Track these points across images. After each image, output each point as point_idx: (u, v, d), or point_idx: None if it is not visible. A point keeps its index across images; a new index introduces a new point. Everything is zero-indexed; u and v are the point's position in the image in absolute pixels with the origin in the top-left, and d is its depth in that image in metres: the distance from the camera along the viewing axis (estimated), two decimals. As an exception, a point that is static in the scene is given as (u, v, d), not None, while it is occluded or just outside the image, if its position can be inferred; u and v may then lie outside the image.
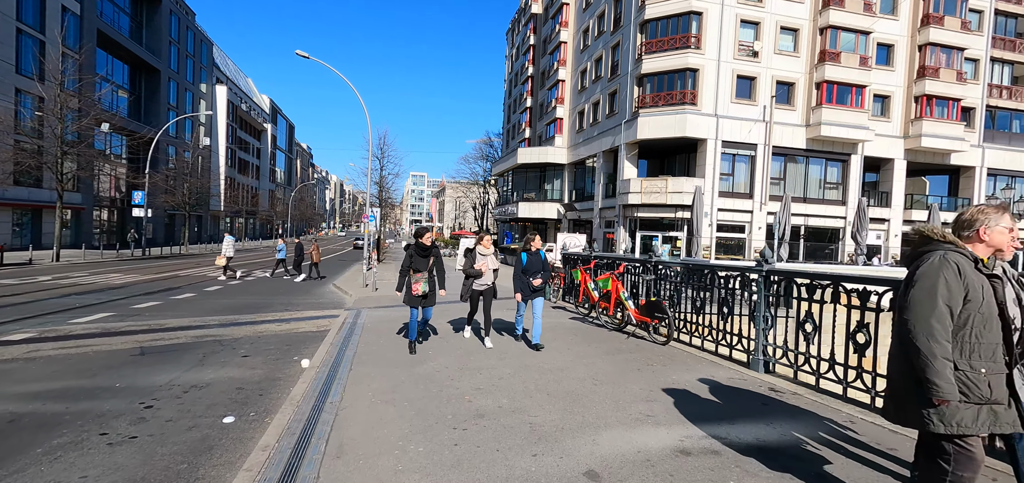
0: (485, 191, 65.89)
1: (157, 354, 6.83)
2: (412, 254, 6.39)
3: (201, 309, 10.87)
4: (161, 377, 5.74)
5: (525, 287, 7.01)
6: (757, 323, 5.92)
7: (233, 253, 18.10)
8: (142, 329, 8.43)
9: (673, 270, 7.73)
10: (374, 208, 22.51)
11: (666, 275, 7.94)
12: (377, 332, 8.09)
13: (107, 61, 39.23)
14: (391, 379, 5.35)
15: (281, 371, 6.17)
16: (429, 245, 6.50)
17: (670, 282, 7.91)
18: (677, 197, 25.07)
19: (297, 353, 7.15)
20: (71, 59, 27.91)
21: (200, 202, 46.68)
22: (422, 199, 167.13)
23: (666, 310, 7.31)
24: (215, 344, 7.52)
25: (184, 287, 14.86)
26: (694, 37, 25.41)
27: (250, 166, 71.45)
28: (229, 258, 17.82)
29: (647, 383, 5.35)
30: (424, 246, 6.46)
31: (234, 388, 5.41)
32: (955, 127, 28.22)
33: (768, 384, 5.36)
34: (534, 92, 45.15)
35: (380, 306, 11.26)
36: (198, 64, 54.13)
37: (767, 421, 4.25)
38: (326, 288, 16.23)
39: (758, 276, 5.90)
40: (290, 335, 8.43)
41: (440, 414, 4.31)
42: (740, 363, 6.26)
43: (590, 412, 4.41)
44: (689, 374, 5.76)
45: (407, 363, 6.07)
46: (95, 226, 37.10)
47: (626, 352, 6.84)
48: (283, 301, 12.60)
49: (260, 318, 10.03)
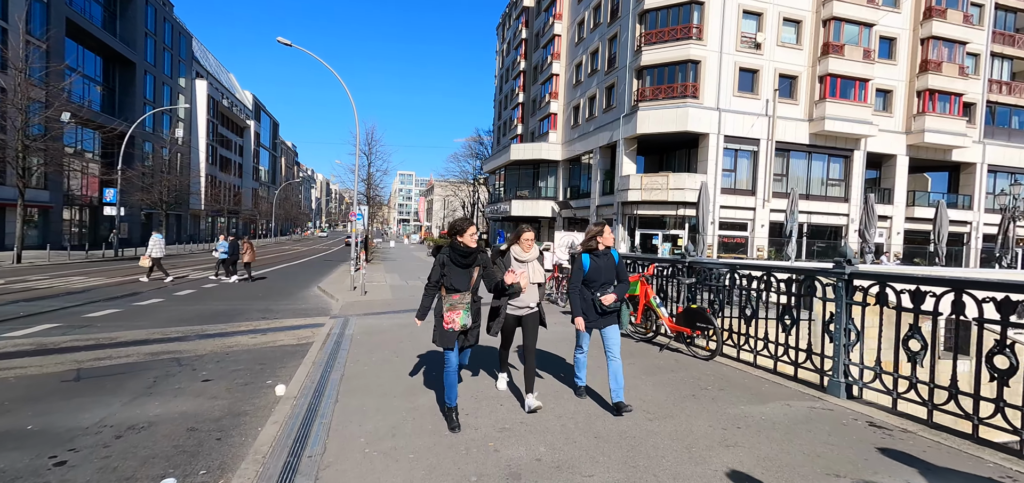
0: (475, 190, 64.66)
1: (96, 379, 5.55)
2: (444, 261, 4.02)
3: (165, 318, 9.55)
4: (92, 413, 4.49)
5: (591, 308, 4.36)
6: (837, 338, 4.85)
7: (162, 253, 16.22)
8: (87, 345, 7.12)
9: (717, 272, 6.63)
10: (361, 206, 21.22)
11: (706, 278, 6.85)
12: (368, 346, 6.90)
13: (78, 52, 37.14)
14: (389, 416, 4.18)
15: (249, 401, 4.96)
16: (473, 247, 4.04)
17: (710, 287, 6.83)
18: (678, 194, 24.13)
19: (272, 374, 5.93)
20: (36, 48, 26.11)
21: (178, 201, 44.72)
22: (410, 198, 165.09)
23: (711, 319, 6.21)
24: (172, 364, 6.26)
25: (151, 291, 13.47)
26: (696, 28, 24.48)
27: (232, 164, 69.28)
28: (156, 259, 15.90)
29: (713, 417, 4.24)
30: (465, 250, 3.99)
31: (185, 429, 4.19)
32: (957, 123, 27.71)
33: (864, 416, 4.29)
34: (526, 87, 44.03)
35: (370, 313, 10.04)
36: (176, 57, 52.03)
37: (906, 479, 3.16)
38: (310, 291, 14.93)
39: (837, 280, 4.84)
40: (265, 351, 7.19)
41: (460, 474, 3.16)
42: (811, 385, 5.19)
43: (662, 468, 3.28)
44: (758, 402, 4.67)
45: (407, 391, 4.90)
46: (66, 226, 35.10)
47: (667, 370, 5.74)
48: (260, 307, 11.30)
49: (231, 328, 8.75)
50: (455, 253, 3.98)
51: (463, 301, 3.97)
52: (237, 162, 71.60)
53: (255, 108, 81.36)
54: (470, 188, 65.81)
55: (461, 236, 4.01)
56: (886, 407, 4.47)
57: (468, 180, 65.41)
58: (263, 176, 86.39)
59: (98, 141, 38.70)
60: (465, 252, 3.98)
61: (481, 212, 62.43)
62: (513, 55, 48.34)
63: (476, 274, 4.07)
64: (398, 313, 10.07)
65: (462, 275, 4.00)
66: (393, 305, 11.26)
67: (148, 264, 15.76)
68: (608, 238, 4.51)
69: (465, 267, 4.00)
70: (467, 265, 4.00)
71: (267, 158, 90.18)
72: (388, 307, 10.89)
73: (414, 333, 7.83)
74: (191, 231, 55.37)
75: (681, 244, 25.07)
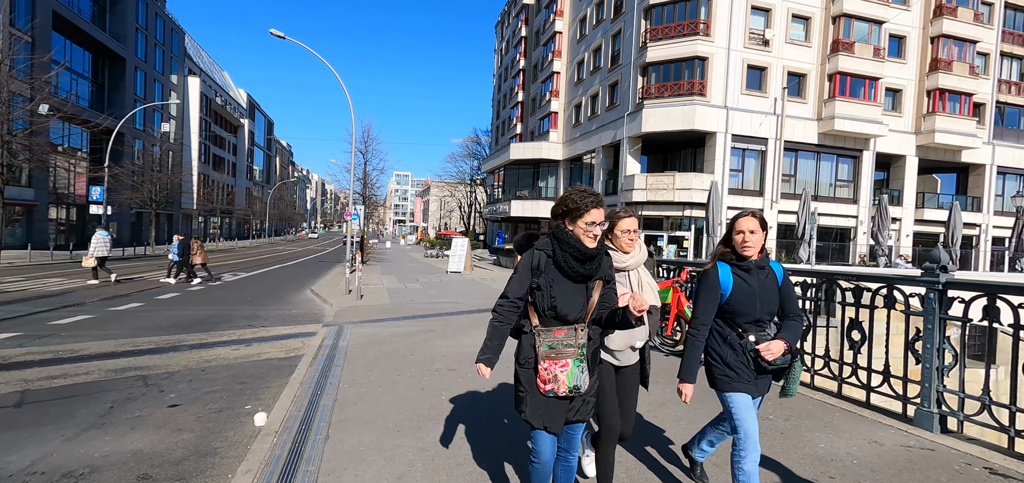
0: (472, 190, 63.82)
1: (41, 405, 4.69)
2: (541, 265, 2.27)
3: (140, 325, 8.67)
4: (23, 453, 3.64)
5: (741, 364, 2.50)
6: (926, 360, 4.06)
7: (107, 252, 14.72)
8: (42, 359, 6.24)
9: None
10: (357, 206, 20.39)
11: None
12: (366, 361, 6.06)
13: (66, 46, 36.01)
14: (393, 461, 3.35)
15: (221, 435, 4.11)
16: (593, 249, 2.25)
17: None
18: (685, 194, 23.38)
19: (252, 397, 5.09)
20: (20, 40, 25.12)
21: (170, 200, 43.64)
22: (406, 199, 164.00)
23: (760, 334, 5.40)
24: (136, 383, 5.39)
25: (132, 295, 12.56)
26: (703, 23, 23.76)
27: (226, 163, 68.14)
28: (100, 259, 14.47)
29: (794, 460, 3.44)
30: (584, 251, 2.23)
31: (135, 478, 3.34)
32: (967, 123, 27.14)
33: (978, 460, 3.48)
34: (526, 86, 43.25)
35: (367, 320, 9.20)
36: (168, 53, 50.92)
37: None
38: (302, 295, 14.05)
39: (927, 290, 4.05)
40: (247, 366, 6.33)
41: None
42: (890, 414, 4.40)
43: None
44: (834, 435, 3.88)
45: (414, 423, 4.07)
46: (51, 225, 33.98)
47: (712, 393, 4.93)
48: (247, 314, 10.43)
49: (211, 338, 7.89)
50: (566, 252, 2.20)
51: (574, 341, 2.19)
52: (231, 161, 70.46)
53: (249, 106, 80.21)
54: (467, 189, 64.97)
55: (584, 220, 2.19)
56: (999, 447, 3.67)
57: (465, 181, 64.57)
58: (257, 175, 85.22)
59: (86, 138, 37.63)
60: (584, 254, 2.20)
61: (478, 213, 61.59)
62: (512, 53, 47.56)
63: (597, 294, 2.27)
64: (397, 321, 9.24)
65: (574, 294, 2.22)
66: (392, 311, 10.43)
67: (92, 264, 14.35)
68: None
69: (580, 279, 2.23)
70: (584, 277, 2.23)
71: (261, 157, 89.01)
72: (386, 314, 10.05)
73: (416, 345, 7.00)
74: (184, 231, 54.21)
75: (686, 246, 24.36)
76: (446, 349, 6.80)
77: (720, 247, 2.62)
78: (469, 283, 17.52)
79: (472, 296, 13.60)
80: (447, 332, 8.12)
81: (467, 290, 15.14)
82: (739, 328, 2.48)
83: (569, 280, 2.22)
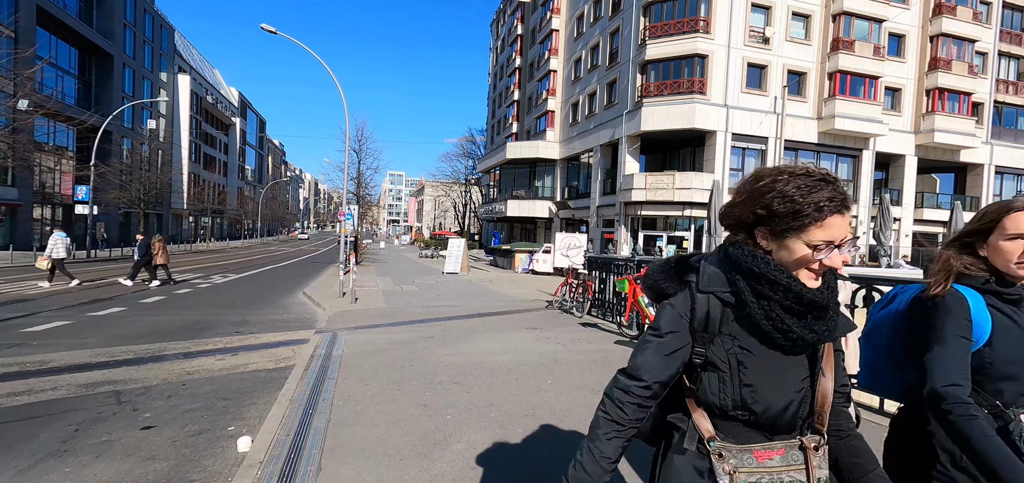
0: (467, 190, 63.35)
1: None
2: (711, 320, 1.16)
3: (120, 332, 8.15)
4: (-32, 490, 3.15)
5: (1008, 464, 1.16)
6: None
7: (65, 254, 13.57)
8: (6, 372, 5.72)
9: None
10: (351, 205, 19.87)
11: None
12: (362, 373, 5.60)
13: (51, 42, 35.16)
14: (394, 498, 2.90)
15: (199, 463, 3.63)
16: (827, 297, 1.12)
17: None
18: (685, 194, 23.04)
19: (237, 415, 4.61)
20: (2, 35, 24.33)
21: (159, 199, 42.81)
22: (400, 199, 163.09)
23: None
24: (108, 400, 4.90)
25: (114, 298, 11.99)
26: (703, 20, 23.45)
27: (217, 162, 67.23)
28: (57, 260, 13.40)
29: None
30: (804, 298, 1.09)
31: (93, 521, 2.87)
32: (966, 122, 27.03)
33: None
34: (522, 84, 42.83)
35: (363, 326, 8.72)
36: (157, 50, 50.03)
37: None
38: (294, 297, 13.53)
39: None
40: (232, 379, 5.84)
41: None
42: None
43: None
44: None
45: (418, 448, 3.61)
46: (36, 226, 33.13)
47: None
48: (235, 318, 9.91)
49: (196, 347, 7.38)
50: (771, 296, 1.11)
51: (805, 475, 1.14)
52: (222, 160, 69.55)
53: (241, 105, 79.23)
54: (462, 188, 64.50)
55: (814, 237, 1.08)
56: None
57: (460, 180, 64.09)
58: (249, 175, 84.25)
59: (73, 136, 36.76)
60: (805, 300, 1.10)
61: (474, 213, 61.09)
62: (508, 51, 47.14)
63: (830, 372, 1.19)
64: (394, 326, 8.77)
65: (786, 374, 1.15)
66: (388, 315, 9.95)
67: (46, 266, 13.37)
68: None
69: (799, 348, 1.14)
70: (806, 344, 1.13)
71: (253, 157, 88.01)
72: (382, 318, 9.57)
73: (415, 354, 6.55)
74: (173, 231, 53.30)
75: (686, 246, 24.03)
76: (448, 359, 6.35)
77: (954, 257, 1.47)
78: (466, 285, 17.07)
79: (470, 298, 13.15)
80: (447, 339, 7.67)
81: (465, 292, 14.70)
82: (998, 402, 1.40)
83: (776, 350, 1.14)
